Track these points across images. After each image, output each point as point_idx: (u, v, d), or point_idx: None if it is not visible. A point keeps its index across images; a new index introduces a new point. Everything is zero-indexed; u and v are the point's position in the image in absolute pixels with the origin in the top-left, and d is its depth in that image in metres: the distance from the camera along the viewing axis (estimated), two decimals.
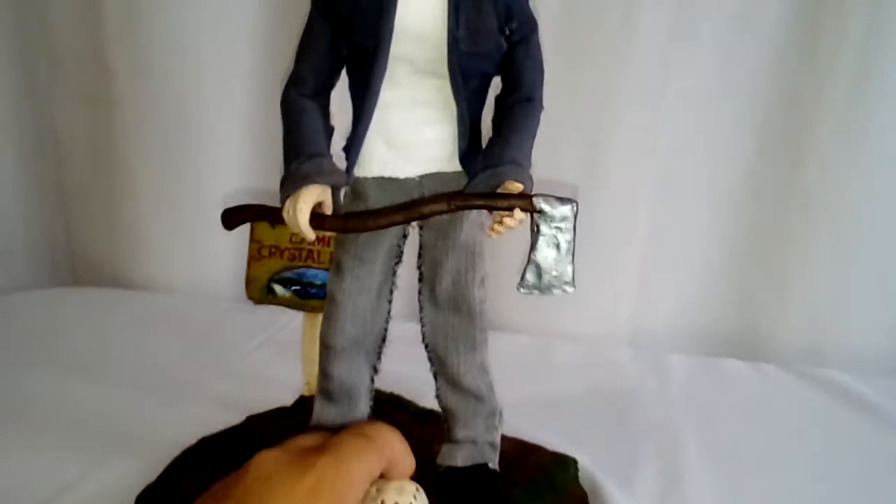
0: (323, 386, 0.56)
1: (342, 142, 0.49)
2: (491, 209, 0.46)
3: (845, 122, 0.88)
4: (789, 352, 0.97)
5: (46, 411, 0.72)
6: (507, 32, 0.47)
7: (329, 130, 0.49)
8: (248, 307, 0.95)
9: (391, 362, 0.57)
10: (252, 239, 0.68)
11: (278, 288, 0.69)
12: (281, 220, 0.46)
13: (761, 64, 0.89)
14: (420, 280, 0.55)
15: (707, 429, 0.78)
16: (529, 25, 0.48)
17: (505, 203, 0.45)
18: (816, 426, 0.81)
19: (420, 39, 0.46)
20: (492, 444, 0.57)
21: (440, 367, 0.56)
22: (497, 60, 0.48)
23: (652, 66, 0.89)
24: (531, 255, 0.46)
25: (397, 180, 0.50)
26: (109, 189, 1.02)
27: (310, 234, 0.46)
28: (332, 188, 0.47)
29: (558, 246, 0.46)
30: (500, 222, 0.45)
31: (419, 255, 0.54)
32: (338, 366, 0.54)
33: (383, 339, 0.56)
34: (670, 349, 0.97)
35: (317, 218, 0.46)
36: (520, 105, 0.48)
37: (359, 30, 0.46)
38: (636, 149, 0.92)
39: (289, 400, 0.73)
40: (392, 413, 0.68)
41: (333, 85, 0.49)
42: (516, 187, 0.45)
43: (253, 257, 0.69)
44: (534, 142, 0.48)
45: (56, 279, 1.11)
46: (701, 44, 0.88)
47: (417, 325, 0.56)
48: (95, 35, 0.94)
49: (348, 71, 0.49)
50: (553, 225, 0.45)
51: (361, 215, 0.48)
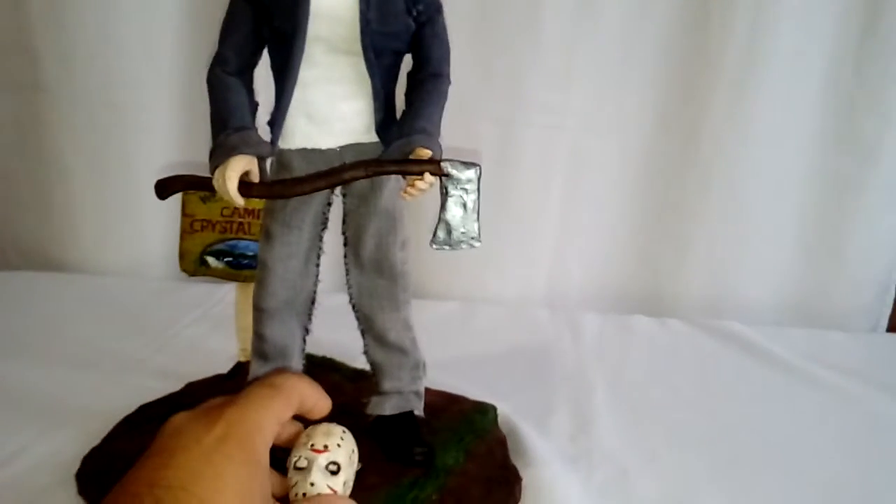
0: (258, 347, 0.58)
1: (267, 116, 0.52)
2: (404, 174, 0.50)
3: (736, 102, 0.94)
4: (691, 307, 1.03)
5: None
6: (415, 13, 0.51)
7: (254, 106, 0.51)
8: (182, 285, 0.98)
9: (324, 330, 0.60)
10: (184, 213, 0.69)
11: (211, 260, 0.70)
12: (211, 189, 0.49)
13: (660, 47, 0.94)
14: (345, 244, 0.58)
15: (616, 378, 0.83)
16: (434, 7, 0.52)
17: (416, 168, 0.49)
18: (716, 372, 0.88)
19: (334, 21, 0.49)
20: (417, 394, 0.62)
21: (367, 325, 0.60)
22: (407, 39, 0.52)
23: (559, 49, 0.93)
24: (441, 215, 0.50)
25: (319, 151, 0.53)
26: (39, 173, 1.00)
27: (239, 201, 0.48)
28: (259, 159, 0.49)
29: (465, 205, 0.50)
30: (413, 185, 0.49)
31: (343, 222, 0.57)
32: (271, 327, 0.57)
33: (313, 301, 0.59)
34: (584, 309, 1.01)
35: (245, 186, 0.48)
36: (429, 80, 0.52)
37: (278, 13, 0.49)
38: (546, 126, 0.96)
39: (226, 369, 0.74)
40: (325, 374, 0.70)
41: (255, 64, 0.52)
42: (426, 153, 0.49)
43: (185, 231, 0.69)
44: (442, 113, 0.52)
45: None
46: (604, 27, 0.93)
47: (346, 297, 0.59)
48: (20, 21, 0.92)
49: (269, 51, 0.51)
50: (460, 186, 0.49)
51: (287, 182, 0.50)
